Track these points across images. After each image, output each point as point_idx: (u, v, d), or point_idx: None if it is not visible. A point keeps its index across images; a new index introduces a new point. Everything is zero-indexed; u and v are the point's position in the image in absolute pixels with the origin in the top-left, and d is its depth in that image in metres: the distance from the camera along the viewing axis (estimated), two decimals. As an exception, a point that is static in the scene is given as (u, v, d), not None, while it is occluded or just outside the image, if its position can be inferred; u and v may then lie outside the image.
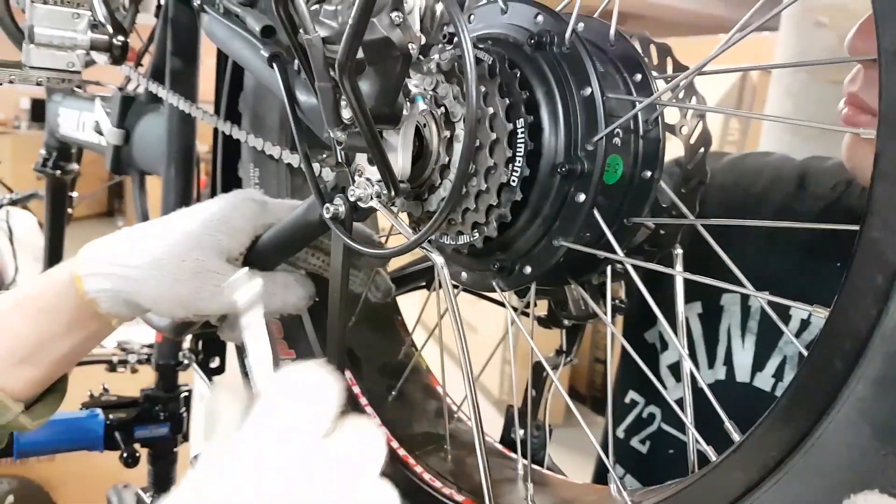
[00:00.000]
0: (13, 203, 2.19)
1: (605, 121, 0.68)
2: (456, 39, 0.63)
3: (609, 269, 0.78)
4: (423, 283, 1.12)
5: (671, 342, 1.12)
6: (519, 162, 0.69)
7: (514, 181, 0.70)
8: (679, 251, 0.82)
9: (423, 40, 0.68)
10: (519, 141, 0.70)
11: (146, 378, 1.63)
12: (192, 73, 1.35)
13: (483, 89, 0.70)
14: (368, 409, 0.94)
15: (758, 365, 1.04)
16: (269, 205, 0.87)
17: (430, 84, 0.71)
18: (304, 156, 0.76)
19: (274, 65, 0.81)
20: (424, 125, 0.71)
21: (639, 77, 0.74)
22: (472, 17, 0.80)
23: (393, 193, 0.67)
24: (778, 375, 1.02)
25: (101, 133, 1.52)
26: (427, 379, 0.99)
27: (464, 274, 0.79)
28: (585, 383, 3.59)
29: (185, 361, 1.39)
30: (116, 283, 0.81)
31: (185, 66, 1.34)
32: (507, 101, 0.69)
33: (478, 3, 0.81)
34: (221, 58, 1.19)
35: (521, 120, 0.69)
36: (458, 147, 0.70)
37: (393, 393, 0.98)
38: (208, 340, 1.36)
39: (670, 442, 1.10)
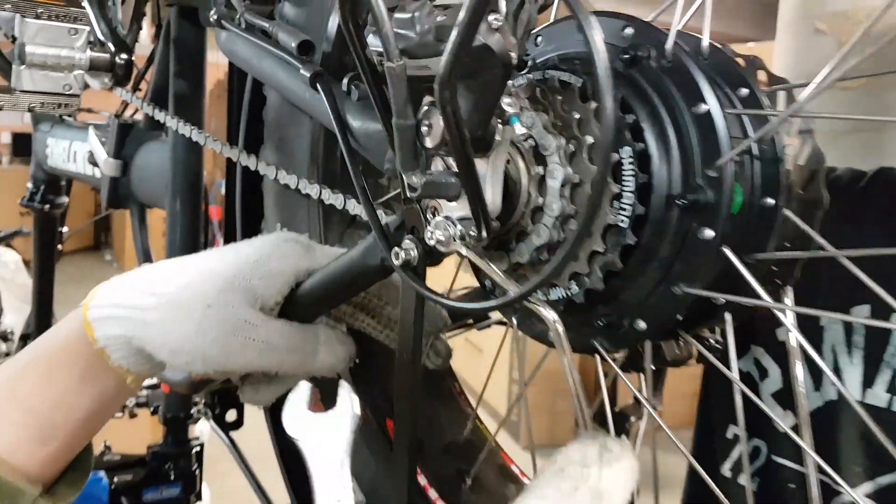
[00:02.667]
0: (-4, 241, 2.07)
1: (730, 139, 0.58)
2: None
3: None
4: (470, 321, 1.02)
5: (770, 368, 1.02)
6: (629, 198, 0.59)
7: (623, 221, 0.59)
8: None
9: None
10: (626, 173, 0.59)
11: (145, 422, 1.51)
12: (198, 97, 1.24)
13: (577, 115, 0.60)
14: (439, 503, 0.82)
15: (867, 381, 0.95)
16: (314, 249, 0.75)
17: (514, 108, 0.61)
18: (362, 192, 0.66)
19: (318, 86, 0.71)
20: (508, 161, 0.60)
21: (745, 92, 0.64)
22: (538, 39, 0.70)
23: (483, 235, 0.57)
24: (892, 390, 0.93)
25: (95, 164, 1.41)
26: (500, 458, 0.88)
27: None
28: (591, 401, 3.48)
29: (199, 416, 1.27)
30: (127, 327, 0.69)
31: (191, 89, 1.23)
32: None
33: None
34: (234, 79, 1.08)
35: (628, 148, 0.59)
36: (552, 185, 0.59)
37: (468, 480, 0.86)
38: (223, 390, 1.25)
39: (784, 475, 1.00)
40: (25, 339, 1.97)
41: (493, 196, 0.58)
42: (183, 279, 0.70)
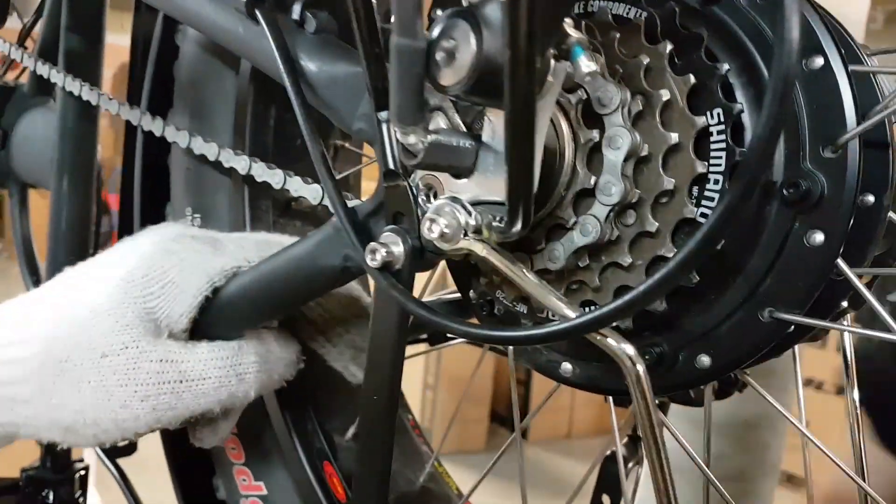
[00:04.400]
0: None
1: (857, 108, 0.39)
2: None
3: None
4: (424, 336, 0.79)
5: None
6: (717, 182, 0.39)
7: (706, 215, 0.39)
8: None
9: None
10: (716, 147, 0.39)
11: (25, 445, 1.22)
12: (94, 56, 0.97)
13: (645, 61, 0.39)
14: None
15: None
16: (221, 243, 0.52)
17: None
18: (322, 162, 0.43)
19: (258, 14, 0.47)
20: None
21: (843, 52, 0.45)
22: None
23: (519, 227, 0.35)
24: None
25: (-35, 134, 1.11)
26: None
27: (566, 365, 0.47)
28: (505, 405, 3.32)
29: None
30: None
31: (86, 45, 0.96)
32: (692, 81, 0.39)
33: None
34: (138, 28, 0.83)
35: (719, 110, 0.39)
36: (611, 158, 0.38)
37: None
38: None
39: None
40: None
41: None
42: (56, 324, 0.47)
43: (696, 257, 0.30)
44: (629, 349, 0.34)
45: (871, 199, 0.44)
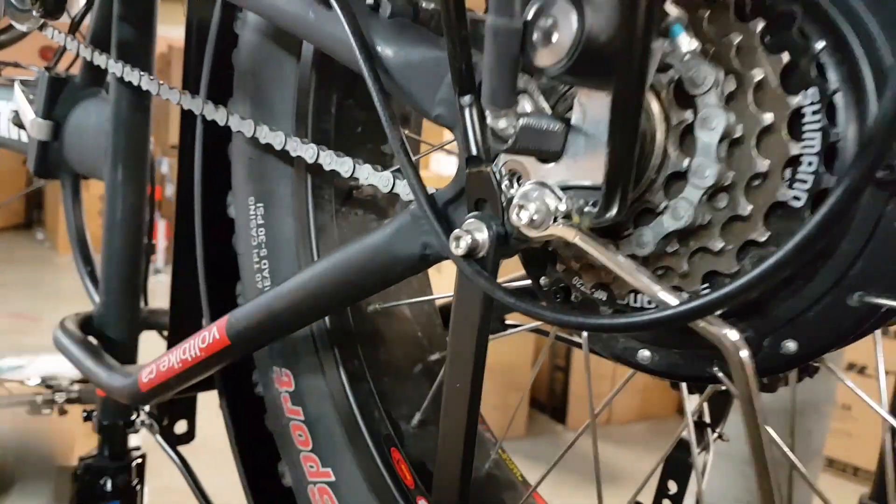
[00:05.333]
0: None
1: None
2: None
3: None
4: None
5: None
6: (811, 164, 0.38)
7: (799, 199, 0.38)
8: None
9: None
10: (809, 127, 0.38)
11: (77, 421, 1.25)
12: (146, 44, 0.98)
13: (737, 38, 0.38)
14: None
15: None
16: None
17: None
18: (402, 150, 0.43)
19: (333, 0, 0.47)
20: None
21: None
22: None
23: (614, 212, 0.35)
24: None
25: (21, 126, 1.13)
26: (529, 499, 0.65)
27: (644, 352, 0.47)
28: (545, 391, 3.32)
29: (141, 428, 1.02)
30: None
31: (139, 35, 0.97)
32: (787, 58, 0.38)
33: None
34: (194, 16, 0.83)
35: (814, 90, 0.38)
36: (705, 139, 0.37)
37: None
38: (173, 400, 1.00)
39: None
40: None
41: (621, 152, 0.36)
42: None
43: (805, 251, 0.29)
44: (733, 335, 0.33)
45: None
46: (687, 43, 0.34)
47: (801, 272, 0.41)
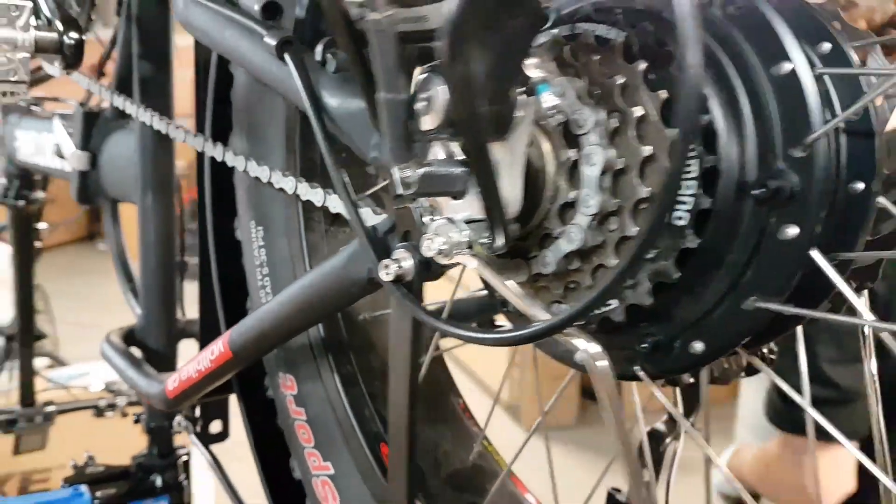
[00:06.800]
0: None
1: (823, 108, 0.42)
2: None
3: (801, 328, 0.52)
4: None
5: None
6: (690, 187, 0.42)
7: (682, 218, 0.43)
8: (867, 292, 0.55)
9: None
10: (688, 155, 0.43)
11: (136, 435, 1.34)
12: (164, 81, 1.06)
13: (621, 81, 0.43)
14: None
15: None
16: None
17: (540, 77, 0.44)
18: (341, 187, 0.49)
19: (286, 56, 0.53)
20: (531, 143, 0.43)
21: (827, 47, 0.48)
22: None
23: (501, 242, 0.40)
24: None
25: (63, 157, 1.23)
26: (512, 487, 0.71)
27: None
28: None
29: (180, 430, 1.11)
30: None
31: (157, 72, 1.05)
32: (664, 95, 0.42)
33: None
34: (201, 56, 0.91)
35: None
36: (588, 173, 0.42)
37: None
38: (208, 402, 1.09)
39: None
40: (10, 339, 1.80)
41: (512, 190, 0.41)
42: None
43: (632, 270, 0.34)
44: (593, 347, 0.39)
45: (860, 186, 0.47)
46: (547, 99, 0.39)
47: (699, 281, 0.45)
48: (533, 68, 0.39)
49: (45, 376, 1.94)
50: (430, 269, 0.45)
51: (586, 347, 0.38)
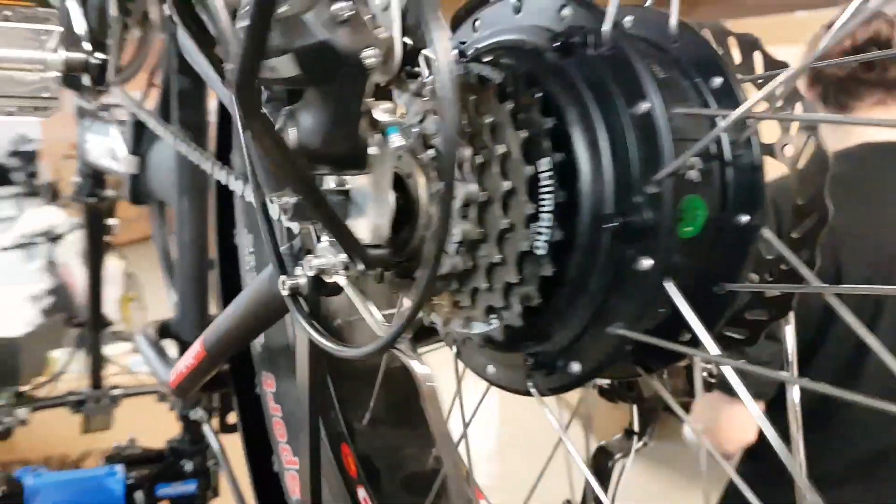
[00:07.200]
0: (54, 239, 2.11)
1: (675, 147, 0.44)
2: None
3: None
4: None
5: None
6: (546, 220, 0.46)
7: (539, 248, 0.46)
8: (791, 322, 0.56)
9: (402, 46, 0.45)
10: (544, 190, 0.46)
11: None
12: (199, 95, 1.15)
13: (489, 119, 0.47)
14: None
15: None
16: None
17: (417, 115, 0.48)
18: (259, 206, 0.54)
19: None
20: (409, 176, 0.48)
21: (718, 82, 0.50)
22: (476, 23, 0.56)
23: (361, 267, 0.45)
24: None
25: (117, 160, 1.34)
26: (468, 493, 0.75)
27: (490, 368, 0.56)
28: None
29: (199, 420, 1.20)
30: None
31: (193, 86, 1.14)
32: (524, 135, 0.46)
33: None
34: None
35: (547, 160, 0.46)
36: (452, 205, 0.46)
37: None
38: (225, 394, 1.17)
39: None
40: (78, 324, 1.96)
41: (379, 218, 0.46)
42: None
43: (426, 296, 0.38)
44: (423, 369, 0.42)
45: (745, 218, 0.49)
46: (394, 141, 0.43)
47: (567, 306, 0.48)
48: (382, 112, 0.43)
49: (121, 363, 2.10)
50: (325, 286, 0.50)
51: (414, 365, 0.42)
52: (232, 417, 1.17)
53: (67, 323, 2.21)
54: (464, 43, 0.56)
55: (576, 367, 0.50)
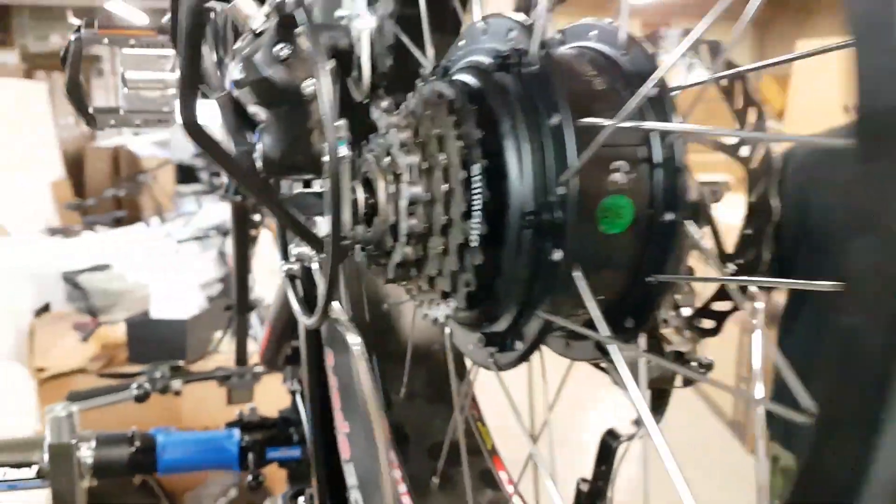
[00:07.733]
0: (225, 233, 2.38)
1: (579, 152, 0.51)
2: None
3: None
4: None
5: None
6: (477, 217, 0.54)
7: (473, 240, 0.55)
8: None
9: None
10: (476, 191, 0.54)
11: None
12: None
13: (437, 131, 0.56)
14: (405, 498, 0.80)
15: None
16: None
17: (385, 129, 0.58)
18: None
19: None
20: (375, 178, 0.58)
21: (655, 92, 0.56)
22: (461, 42, 0.65)
23: (321, 255, 0.55)
24: None
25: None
26: (487, 463, 0.84)
27: (469, 346, 0.65)
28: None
29: (293, 391, 1.35)
30: None
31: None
32: (460, 144, 0.54)
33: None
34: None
35: (478, 165, 0.54)
36: (400, 204, 0.56)
37: (434, 479, 0.84)
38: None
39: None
40: (229, 308, 2.21)
41: (343, 215, 0.56)
42: None
43: (332, 287, 0.48)
44: (353, 339, 0.52)
45: (670, 216, 0.55)
46: (344, 150, 0.53)
47: (504, 291, 0.56)
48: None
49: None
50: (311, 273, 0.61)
51: (350, 338, 0.52)
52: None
53: (226, 308, 2.48)
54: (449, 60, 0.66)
55: (519, 344, 0.58)
